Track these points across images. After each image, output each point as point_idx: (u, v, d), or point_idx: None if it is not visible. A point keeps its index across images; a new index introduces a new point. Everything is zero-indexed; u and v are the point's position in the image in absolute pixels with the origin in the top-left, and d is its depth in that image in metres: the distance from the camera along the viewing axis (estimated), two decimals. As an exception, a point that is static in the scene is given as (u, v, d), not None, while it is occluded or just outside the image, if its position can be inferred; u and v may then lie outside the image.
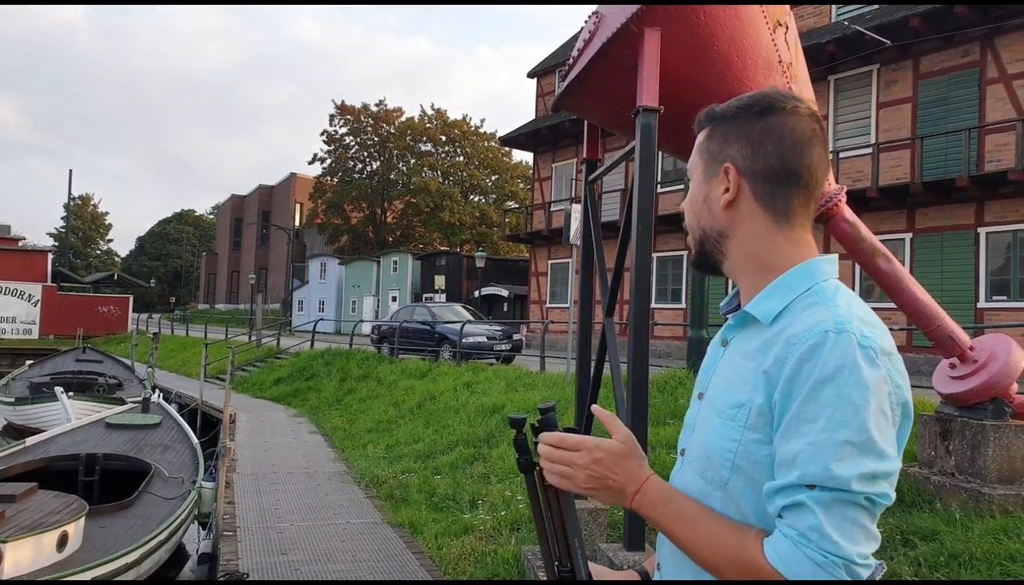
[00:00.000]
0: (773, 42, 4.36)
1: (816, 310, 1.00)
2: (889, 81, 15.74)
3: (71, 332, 30.70)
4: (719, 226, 1.13)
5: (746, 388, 1.02)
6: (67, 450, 9.46)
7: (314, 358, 17.84)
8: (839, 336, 0.94)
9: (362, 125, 49.70)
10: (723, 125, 1.14)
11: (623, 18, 4.15)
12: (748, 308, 1.08)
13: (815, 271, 1.07)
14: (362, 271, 39.54)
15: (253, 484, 8.32)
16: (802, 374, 0.94)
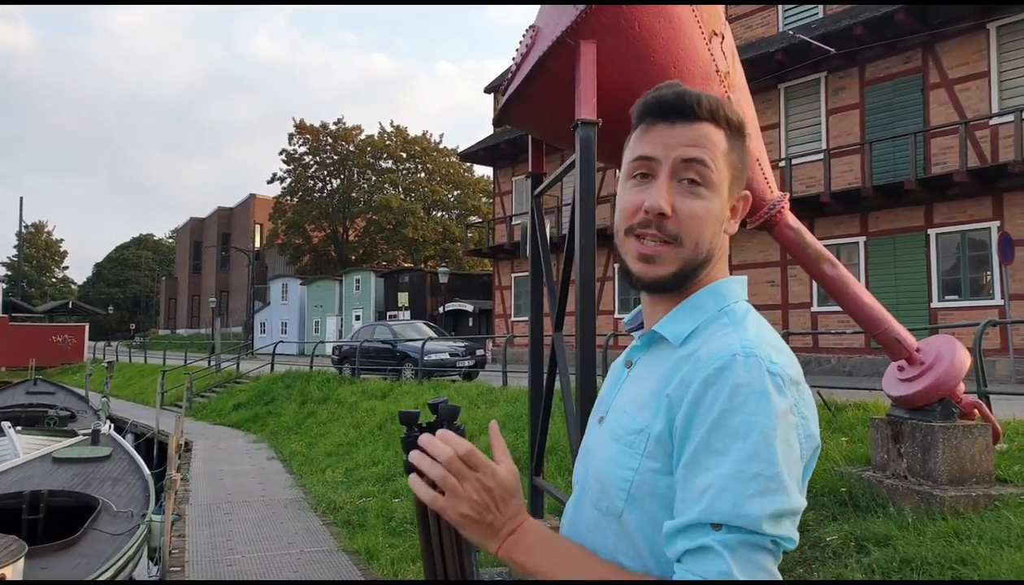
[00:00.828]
0: (710, 52, 4.36)
1: (725, 333, 0.94)
2: (837, 88, 16.04)
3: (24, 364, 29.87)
4: (719, 252, 1.03)
5: (646, 413, 0.94)
6: (10, 488, 9.09)
7: (274, 382, 17.53)
8: (747, 360, 0.88)
9: (321, 144, 49.39)
10: (740, 141, 1.02)
11: (559, 31, 4.12)
12: (658, 328, 1.01)
13: (726, 292, 1.01)
14: (324, 291, 39.13)
15: (206, 515, 8.07)
16: (707, 399, 0.87)
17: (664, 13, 4.11)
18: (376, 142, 48.99)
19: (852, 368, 14.96)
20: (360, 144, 49.13)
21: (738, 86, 4.68)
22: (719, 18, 4.46)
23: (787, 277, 16.39)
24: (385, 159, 49.61)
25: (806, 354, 15.87)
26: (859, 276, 15.13)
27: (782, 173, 16.21)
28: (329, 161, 49.77)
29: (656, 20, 4.10)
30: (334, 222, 49.36)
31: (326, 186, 50.13)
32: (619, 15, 4.08)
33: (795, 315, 16.28)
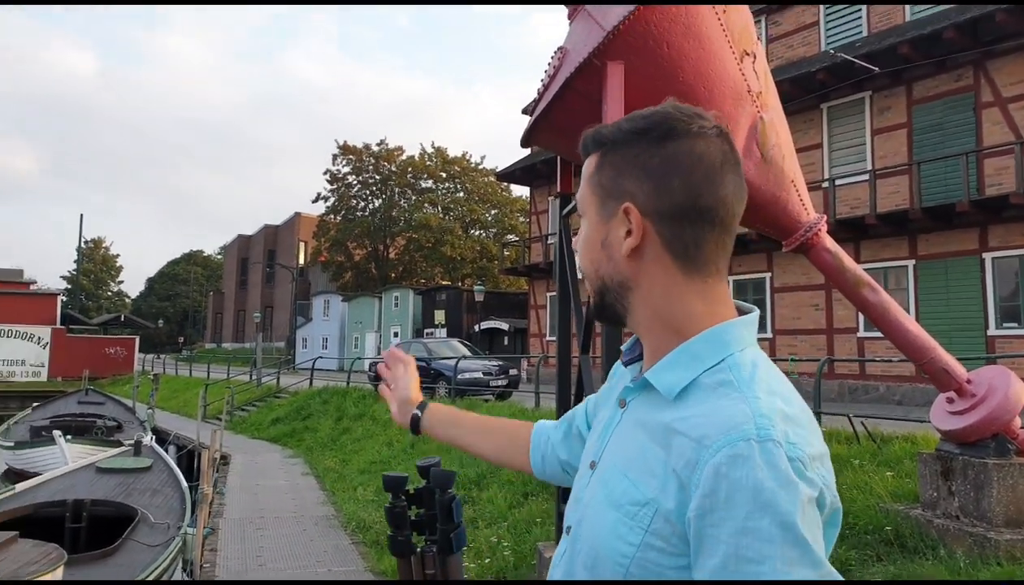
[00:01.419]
0: (741, 72, 4.29)
1: (731, 401, 0.81)
2: (883, 107, 15.71)
3: (79, 374, 30.72)
4: (620, 276, 0.94)
5: (653, 483, 0.83)
6: (56, 495, 9.33)
7: (312, 397, 17.71)
8: (763, 447, 0.76)
9: (364, 164, 50.13)
10: (615, 153, 0.93)
11: (586, 52, 4.09)
12: (649, 376, 0.90)
13: (728, 339, 0.89)
14: (364, 307, 39.53)
15: (239, 529, 8.15)
16: (721, 494, 0.76)
17: (693, 33, 4.06)
18: (417, 162, 49.56)
19: (902, 397, 14.50)
20: (401, 164, 49.77)
21: (771, 106, 4.59)
22: (751, 38, 4.39)
23: (832, 301, 16.01)
24: (425, 179, 50.16)
25: (853, 381, 15.45)
26: (908, 301, 14.71)
27: (825, 194, 15.90)
28: (371, 181, 50.48)
29: (685, 40, 4.05)
30: (375, 240, 49.95)
31: (368, 205, 50.82)
32: (647, 35, 4.05)
33: (840, 340, 15.87)
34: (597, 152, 0.96)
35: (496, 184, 48.56)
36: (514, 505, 7.58)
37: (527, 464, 1.30)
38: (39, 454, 14.71)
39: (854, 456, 6.63)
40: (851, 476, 6.07)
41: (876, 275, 14.85)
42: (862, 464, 6.36)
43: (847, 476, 6.10)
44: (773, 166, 4.60)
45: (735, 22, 4.25)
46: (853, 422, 7.52)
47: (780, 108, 4.78)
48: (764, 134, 4.45)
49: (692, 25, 4.09)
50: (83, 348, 37.76)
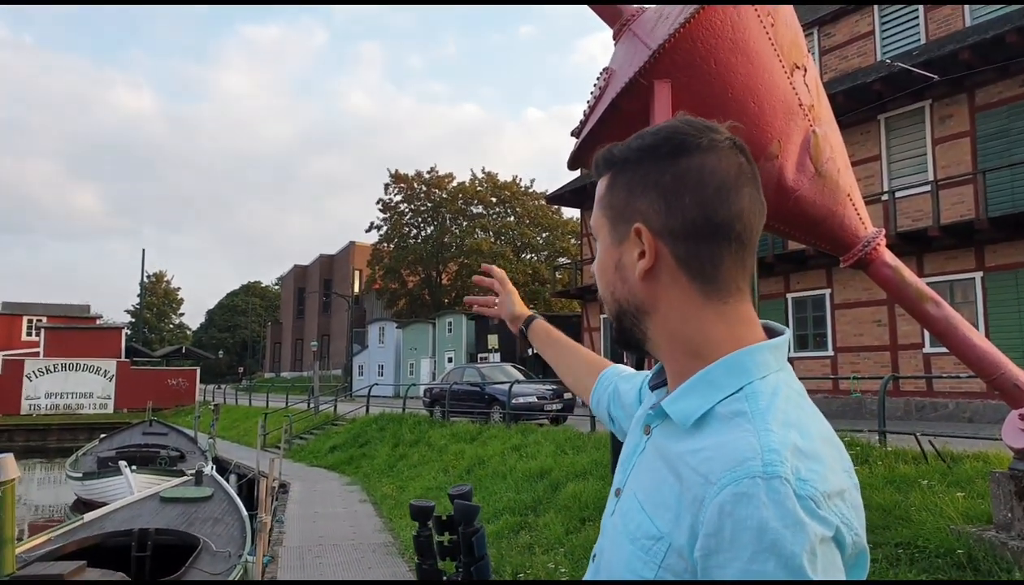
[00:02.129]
0: (792, 85, 4.20)
1: (742, 434, 0.77)
2: (944, 116, 15.25)
3: (143, 405, 31.69)
4: (636, 299, 0.90)
5: (667, 517, 0.80)
6: (121, 525, 9.57)
7: (368, 424, 17.85)
8: (769, 486, 0.71)
9: (415, 192, 50.88)
10: (626, 173, 0.91)
11: (632, 72, 4.06)
12: (665, 405, 0.87)
13: (750, 365, 0.84)
14: (419, 334, 39.88)
15: (298, 558, 8.21)
16: (726, 533, 0.72)
17: (740, 48, 4.00)
18: (467, 188, 50.08)
19: (973, 414, 13.89)
20: (452, 191, 50.35)
21: (824, 119, 4.47)
22: (801, 51, 4.30)
23: (895, 316, 15.49)
24: (476, 205, 50.60)
25: (920, 399, 14.88)
26: (977, 315, 14.14)
27: (885, 207, 15.46)
28: (423, 208, 51.17)
29: (732, 56, 3.99)
30: (428, 267, 50.51)
31: (420, 232, 51.47)
32: (694, 53, 3.99)
33: (905, 357, 15.32)
34: (608, 173, 0.94)
35: (546, 207, 48.69)
36: (571, 531, 7.47)
37: (588, 398, 1.41)
38: (106, 484, 15.17)
39: (922, 476, 6.36)
40: (919, 497, 5.81)
41: (941, 289, 14.32)
42: (931, 485, 6.09)
43: (915, 497, 5.84)
44: (828, 180, 4.48)
45: (784, 36, 4.17)
46: (920, 441, 7.23)
47: (834, 121, 4.66)
48: (817, 148, 4.34)
49: (739, 40, 4.02)
50: (147, 380, 38.99)
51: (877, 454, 7.33)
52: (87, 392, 37.78)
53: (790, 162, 4.58)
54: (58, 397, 37.10)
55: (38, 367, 37.17)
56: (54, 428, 33.80)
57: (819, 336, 17.15)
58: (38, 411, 36.36)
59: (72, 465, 18.91)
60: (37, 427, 33.71)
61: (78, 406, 37.37)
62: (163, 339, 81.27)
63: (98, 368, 38.22)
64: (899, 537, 5.30)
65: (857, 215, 4.60)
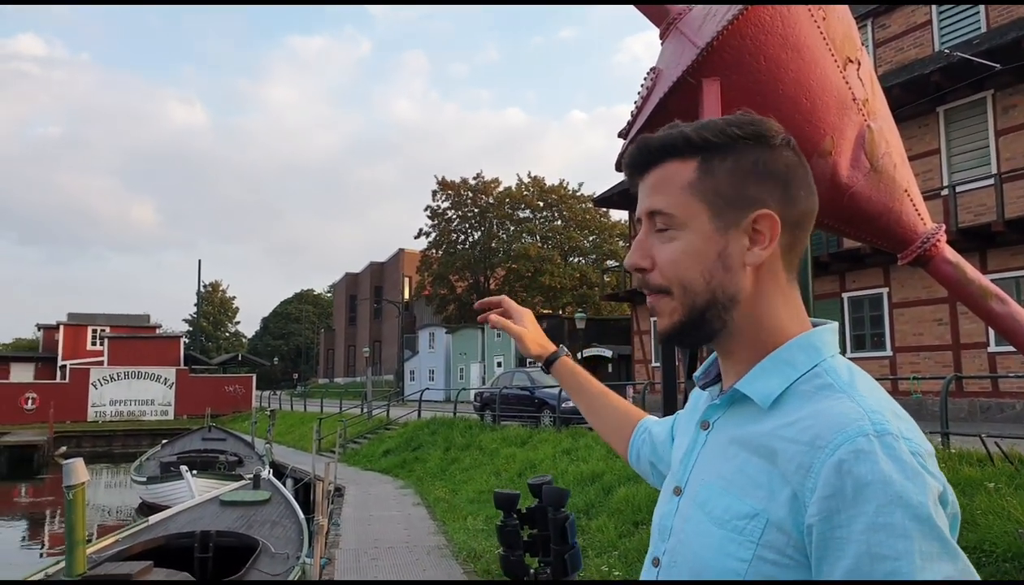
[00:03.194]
0: (845, 80, 4.12)
1: (838, 400, 0.79)
2: (1007, 106, 14.73)
3: (202, 412, 32.54)
4: (734, 289, 0.88)
5: (759, 494, 0.80)
6: (184, 527, 9.85)
7: (420, 428, 18.02)
8: (883, 442, 0.73)
9: (463, 198, 51.23)
10: (728, 158, 0.88)
11: (679, 71, 4.04)
12: (740, 386, 0.87)
13: (819, 344, 0.87)
14: (468, 339, 40.12)
15: (354, 560, 8.33)
16: (847, 490, 0.72)
17: (791, 43, 3.94)
18: (514, 193, 50.21)
19: (1041, 414, 13.37)
20: (499, 196, 50.55)
21: (879, 113, 4.37)
22: (854, 44, 4.21)
23: (957, 315, 15.01)
24: (523, 209, 50.68)
25: (984, 399, 14.38)
26: (1044, 311, 13.59)
27: (945, 202, 15.00)
28: (470, 214, 51.48)
29: (782, 52, 3.93)
30: (476, 272, 50.79)
31: (468, 238, 51.80)
32: (743, 50, 3.95)
33: (968, 356, 14.82)
34: (696, 156, 0.90)
35: (594, 210, 48.50)
36: (624, 534, 7.43)
37: (625, 454, 1.37)
38: (168, 488, 15.65)
39: (988, 479, 6.15)
40: (986, 500, 5.63)
41: (1007, 285, 13.82)
42: (998, 487, 5.88)
43: (981, 500, 5.66)
44: (884, 175, 4.38)
45: (835, 29, 4.10)
46: (986, 442, 6.99)
47: (889, 115, 4.55)
48: (872, 143, 4.24)
49: (789, 35, 3.97)
50: (205, 387, 40.02)
51: (940, 456, 7.11)
52: (149, 399, 39.01)
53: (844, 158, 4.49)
54: (122, 404, 38.38)
55: (103, 375, 38.51)
56: (119, 434, 34.96)
57: (876, 336, 16.71)
58: (103, 418, 37.66)
59: (136, 470, 19.57)
60: (103, 433, 34.92)
61: (140, 413, 38.61)
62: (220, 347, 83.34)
63: (159, 376, 39.42)
64: (964, 541, 5.14)
65: (915, 211, 4.48)
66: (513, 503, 1.05)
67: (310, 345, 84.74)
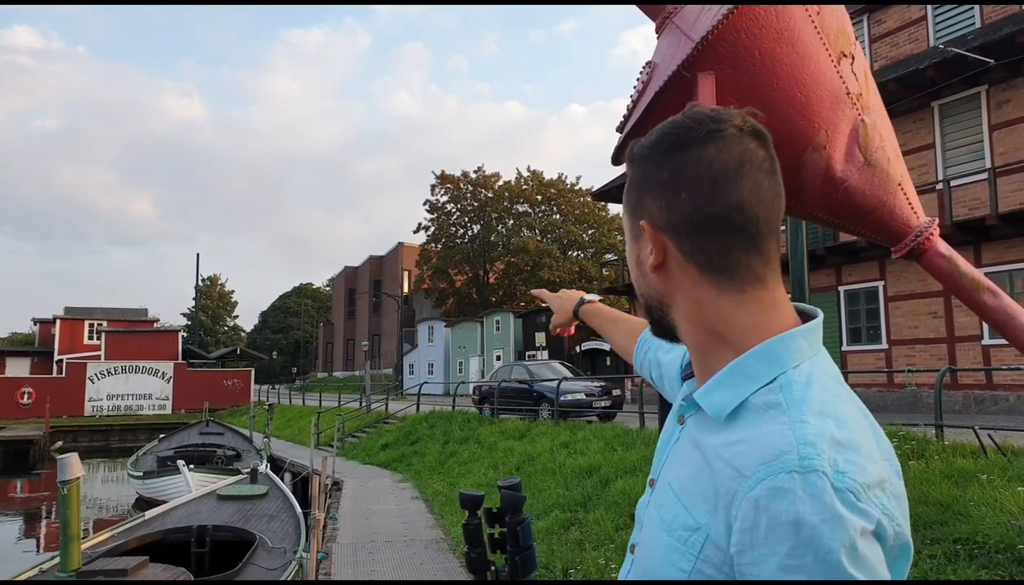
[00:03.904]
0: (839, 74, 4.13)
1: (776, 426, 0.76)
2: (1001, 101, 14.74)
3: (200, 406, 32.54)
4: (656, 292, 0.92)
5: (704, 507, 0.79)
6: (181, 522, 9.86)
7: (419, 422, 18.04)
8: (805, 479, 0.70)
9: (462, 192, 51.21)
10: (637, 170, 0.91)
11: (674, 65, 4.04)
12: (698, 397, 0.86)
13: (782, 353, 0.82)
14: (467, 332, 40.13)
15: (351, 554, 8.35)
16: (760, 527, 0.71)
17: (786, 37, 3.94)
18: (513, 187, 50.20)
19: (1036, 407, 13.42)
20: (498, 190, 50.53)
21: (873, 107, 4.38)
22: (848, 39, 4.21)
23: (951, 308, 15.05)
24: (522, 203, 50.69)
25: (979, 392, 14.43)
26: (1039, 304, 13.65)
27: (940, 196, 15.02)
28: (469, 208, 51.47)
29: (777, 46, 3.93)
30: (475, 266, 50.79)
31: (467, 232, 51.80)
32: (737, 44, 3.96)
33: (963, 349, 14.87)
34: (630, 169, 0.94)
35: (592, 204, 48.51)
36: (621, 527, 7.46)
37: (631, 356, 1.46)
38: (165, 483, 15.65)
39: (981, 471, 6.18)
40: (978, 492, 5.66)
41: (1000, 279, 13.87)
42: (991, 479, 5.92)
43: (974, 492, 5.69)
44: (878, 170, 4.38)
45: (830, 24, 4.10)
46: (979, 434, 7.02)
47: (883, 109, 4.55)
48: (866, 137, 4.25)
49: (784, 30, 3.97)
50: (203, 381, 40.01)
51: (934, 448, 7.15)
52: (146, 393, 38.97)
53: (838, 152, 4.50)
54: (119, 398, 38.35)
55: (100, 370, 38.48)
56: (116, 429, 34.95)
57: (872, 329, 16.75)
58: (100, 412, 37.64)
59: (133, 464, 19.57)
60: (100, 428, 34.91)
61: (138, 407, 38.58)
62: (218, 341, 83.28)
63: (156, 370, 39.39)
64: (958, 533, 5.17)
65: (909, 204, 4.49)
66: (477, 503, 1.10)
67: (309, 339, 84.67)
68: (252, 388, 41.41)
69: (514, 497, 1.07)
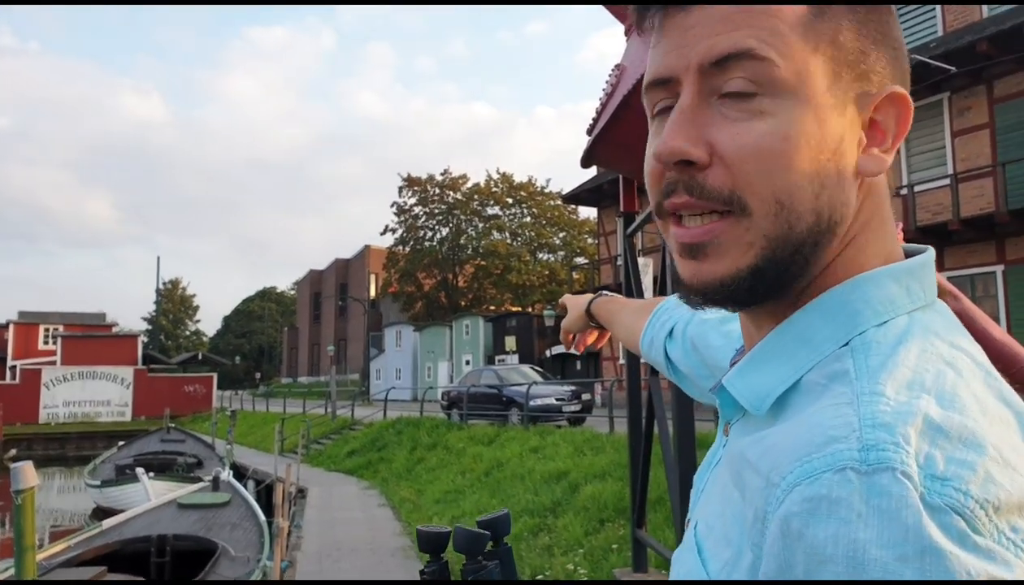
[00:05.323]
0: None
1: (834, 400, 0.46)
2: (962, 108, 15.05)
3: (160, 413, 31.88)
4: (843, 212, 0.53)
5: (724, 555, 0.51)
6: (140, 532, 9.61)
7: (386, 428, 17.87)
8: (869, 481, 0.40)
9: (429, 194, 50.97)
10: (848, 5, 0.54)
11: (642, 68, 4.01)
12: (728, 383, 0.56)
13: (859, 304, 0.51)
14: (436, 337, 39.92)
15: (316, 563, 8.19)
16: (796, 567, 0.41)
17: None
18: (482, 189, 50.13)
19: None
20: (467, 192, 50.42)
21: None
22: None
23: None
24: (492, 206, 50.63)
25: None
26: (999, 309, 13.96)
27: (904, 201, 15.28)
28: (437, 211, 51.25)
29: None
30: (444, 269, 50.59)
31: (436, 235, 51.57)
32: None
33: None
34: None
35: (563, 207, 48.64)
36: (590, 532, 7.41)
37: (639, 343, 1.04)
38: (124, 492, 15.27)
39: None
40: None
41: (962, 283, 14.14)
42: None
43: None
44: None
45: None
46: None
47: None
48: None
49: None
50: (164, 387, 39.21)
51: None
52: (105, 400, 38.09)
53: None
54: (76, 405, 37.42)
55: (56, 376, 37.51)
56: (72, 436, 34.06)
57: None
58: (56, 420, 36.68)
59: (90, 473, 19.06)
60: (56, 436, 33.99)
61: (96, 414, 37.68)
62: (180, 346, 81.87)
63: (115, 376, 38.52)
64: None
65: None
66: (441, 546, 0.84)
67: (273, 344, 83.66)
68: (215, 394, 40.73)
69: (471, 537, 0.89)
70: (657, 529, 6.51)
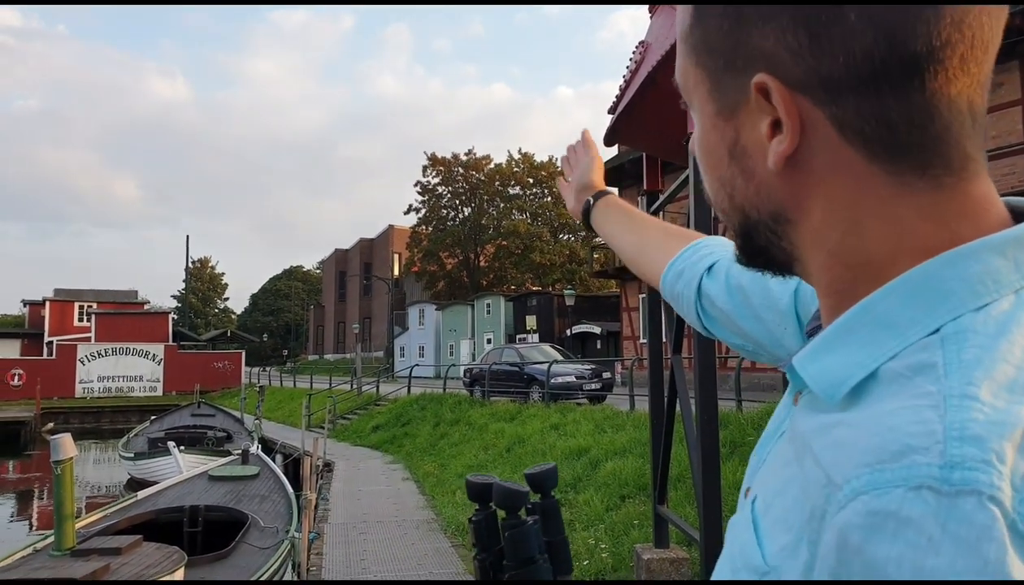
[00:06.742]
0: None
1: (913, 400, 0.40)
2: (993, 84, 14.63)
3: (191, 388, 32.51)
4: (773, 203, 0.51)
5: (783, 540, 0.45)
6: (173, 502, 9.89)
7: (410, 404, 18.09)
8: (950, 504, 0.35)
9: (453, 174, 51.02)
10: None
11: (668, 44, 4.03)
12: (798, 364, 0.50)
13: (954, 284, 0.43)
14: (458, 315, 40.15)
15: (343, 534, 8.40)
16: (851, 577, 0.37)
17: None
18: (504, 170, 50.08)
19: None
20: (489, 173, 50.38)
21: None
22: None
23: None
24: (513, 186, 50.57)
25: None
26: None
27: (932, 180, 15.10)
28: (460, 190, 51.32)
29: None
30: (466, 249, 50.73)
31: (458, 214, 51.68)
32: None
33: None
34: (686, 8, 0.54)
35: (584, 187, 48.42)
36: (611, 507, 7.51)
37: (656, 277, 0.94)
38: (156, 464, 15.67)
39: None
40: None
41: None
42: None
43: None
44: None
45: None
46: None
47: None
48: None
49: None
50: (194, 363, 39.95)
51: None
52: (137, 375, 38.92)
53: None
54: (110, 380, 38.28)
55: (90, 352, 38.35)
56: (107, 410, 34.89)
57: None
58: (91, 394, 37.57)
59: (124, 446, 19.56)
60: (91, 410, 34.84)
61: (129, 389, 38.52)
62: (209, 323, 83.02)
63: (147, 352, 39.30)
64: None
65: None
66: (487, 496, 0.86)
67: (299, 322, 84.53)
68: (243, 370, 41.42)
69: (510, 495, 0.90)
70: (678, 505, 6.59)
